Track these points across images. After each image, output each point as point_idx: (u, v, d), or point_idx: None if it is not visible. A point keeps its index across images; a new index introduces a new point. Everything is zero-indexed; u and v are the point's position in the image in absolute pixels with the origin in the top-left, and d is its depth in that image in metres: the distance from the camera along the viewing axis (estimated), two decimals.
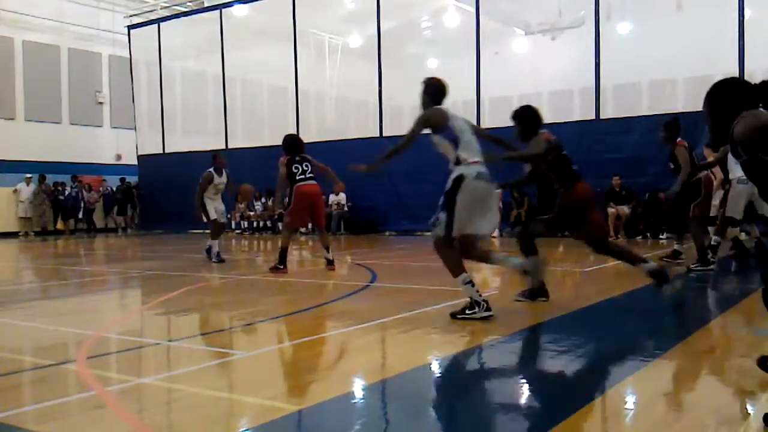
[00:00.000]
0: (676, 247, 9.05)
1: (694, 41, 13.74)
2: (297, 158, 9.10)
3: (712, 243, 8.60)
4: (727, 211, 8.55)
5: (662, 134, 8.59)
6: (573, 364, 4.06)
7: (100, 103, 24.46)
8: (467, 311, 5.32)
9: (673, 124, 8.57)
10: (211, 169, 10.77)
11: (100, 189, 23.58)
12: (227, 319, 6.08)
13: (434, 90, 5.73)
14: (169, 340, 5.28)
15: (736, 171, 8.35)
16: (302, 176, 8.97)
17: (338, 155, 10.61)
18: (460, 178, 5.35)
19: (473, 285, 5.34)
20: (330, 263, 9.07)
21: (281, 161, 9.18)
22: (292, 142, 9.32)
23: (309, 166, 9.12)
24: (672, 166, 8.66)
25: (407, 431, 3.05)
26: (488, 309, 5.28)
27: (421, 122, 5.60)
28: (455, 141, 5.46)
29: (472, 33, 16.74)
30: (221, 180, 10.81)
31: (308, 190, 9.02)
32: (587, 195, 6.19)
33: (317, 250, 13.04)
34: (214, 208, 10.82)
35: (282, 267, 8.89)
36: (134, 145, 23.58)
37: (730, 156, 8.35)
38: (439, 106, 5.64)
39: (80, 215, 22.84)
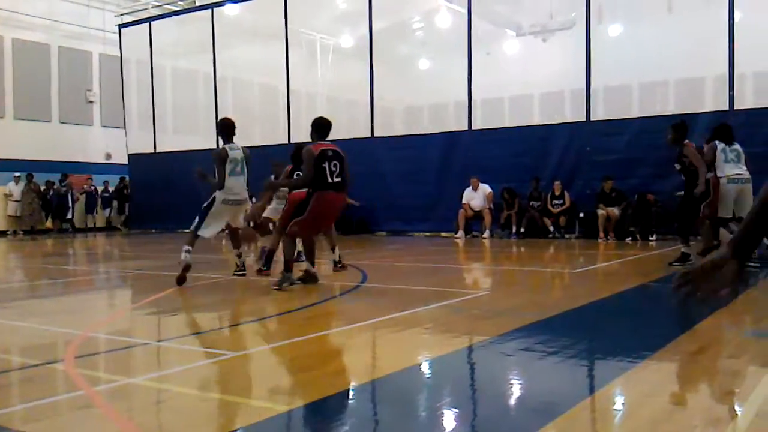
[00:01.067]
0: (684, 250, 9.00)
1: (684, 43, 13.79)
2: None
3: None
4: (719, 212, 8.57)
5: (670, 136, 8.68)
6: (562, 365, 4.07)
7: (91, 101, 24.33)
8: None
9: (680, 126, 8.68)
10: (272, 177, 10.64)
11: (83, 187, 23.33)
12: (217, 319, 6.07)
13: (223, 128, 8.21)
14: (159, 340, 5.26)
15: (723, 170, 8.39)
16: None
17: None
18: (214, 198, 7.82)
19: (190, 253, 7.67)
20: (336, 264, 8.98)
21: (286, 170, 9.21)
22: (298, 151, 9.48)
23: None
24: (678, 167, 8.70)
25: None
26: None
27: (215, 161, 7.88)
28: (224, 173, 7.79)
29: (464, 34, 16.75)
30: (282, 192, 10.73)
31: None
32: (328, 204, 7.23)
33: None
34: (272, 208, 10.71)
35: (266, 269, 8.76)
36: (124, 144, 23.47)
37: (718, 155, 8.39)
38: (223, 147, 8.00)
39: (69, 215, 22.68)
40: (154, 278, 9.14)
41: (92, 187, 23.45)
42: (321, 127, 7.44)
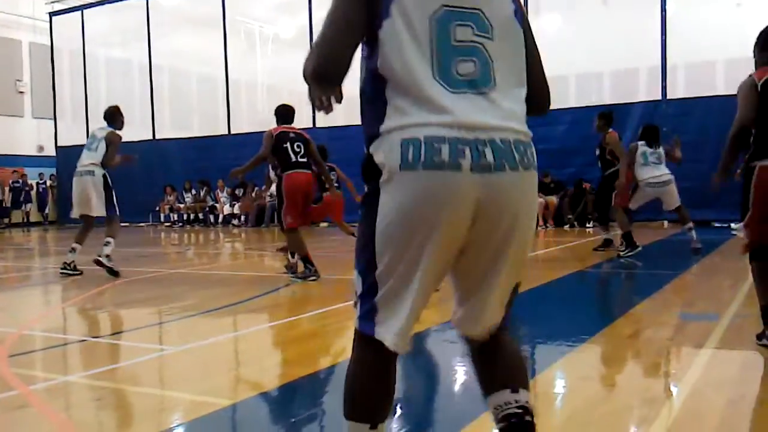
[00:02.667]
0: (605, 236, 9.36)
1: (619, 35, 14.09)
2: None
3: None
4: (631, 203, 8.83)
5: (597, 122, 9.02)
6: None
7: (21, 92, 23.49)
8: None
9: (608, 114, 9.13)
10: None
11: (10, 182, 22.40)
12: (155, 314, 5.95)
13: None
14: (95, 337, 5.14)
15: (643, 173, 8.63)
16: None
17: None
18: None
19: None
20: None
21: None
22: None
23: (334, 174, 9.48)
24: (597, 153, 9.05)
25: (339, 423, 3.05)
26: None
27: None
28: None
29: None
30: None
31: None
32: (296, 183, 7.24)
33: (250, 242, 12.87)
34: None
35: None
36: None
37: (638, 157, 8.67)
38: None
39: None
40: (90, 273, 8.91)
41: (19, 182, 22.57)
42: (282, 113, 7.73)
